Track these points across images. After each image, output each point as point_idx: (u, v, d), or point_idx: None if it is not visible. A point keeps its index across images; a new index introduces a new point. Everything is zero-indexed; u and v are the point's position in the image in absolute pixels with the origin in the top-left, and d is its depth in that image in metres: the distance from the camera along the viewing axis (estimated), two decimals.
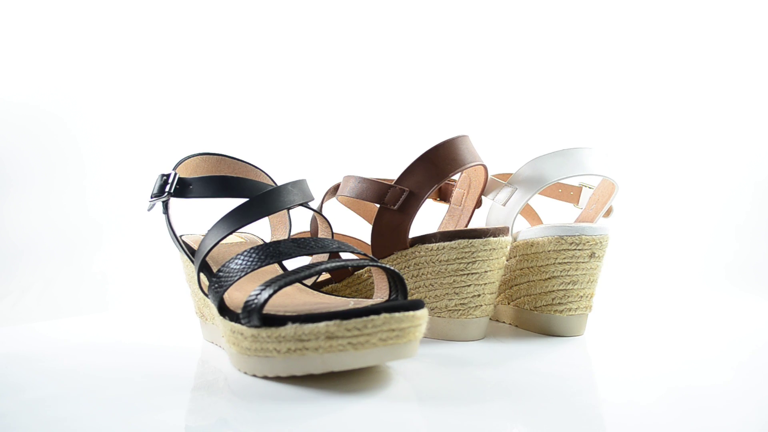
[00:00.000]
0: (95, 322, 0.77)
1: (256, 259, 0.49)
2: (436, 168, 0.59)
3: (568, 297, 0.61)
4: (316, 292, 0.58)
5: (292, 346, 0.44)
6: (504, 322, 0.70)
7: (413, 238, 0.61)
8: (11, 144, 1.21)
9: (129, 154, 1.25)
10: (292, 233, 0.70)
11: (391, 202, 0.60)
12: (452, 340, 0.60)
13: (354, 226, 0.76)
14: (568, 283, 0.60)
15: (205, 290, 0.56)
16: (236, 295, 0.55)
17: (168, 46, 1.29)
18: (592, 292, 0.62)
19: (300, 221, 0.74)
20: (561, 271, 0.60)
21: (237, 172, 0.65)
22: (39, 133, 1.22)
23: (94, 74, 1.26)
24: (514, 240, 0.65)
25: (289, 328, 0.43)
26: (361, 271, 0.65)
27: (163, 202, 0.57)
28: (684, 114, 1.28)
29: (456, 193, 0.71)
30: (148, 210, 0.59)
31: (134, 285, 1.00)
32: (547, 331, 0.63)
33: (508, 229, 0.61)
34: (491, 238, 0.58)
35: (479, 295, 0.59)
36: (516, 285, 0.65)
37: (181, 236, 0.67)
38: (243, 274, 0.49)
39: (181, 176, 0.57)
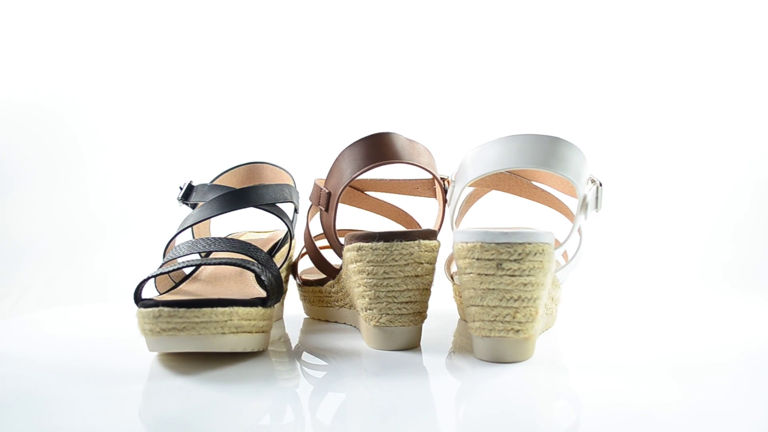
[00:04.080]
0: (94, 315, 0.80)
1: (174, 252, 0.61)
2: (345, 169, 0.58)
3: (481, 315, 0.50)
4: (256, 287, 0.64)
5: (140, 325, 0.54)
6: None
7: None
8: (13, 143, 1.20)
9: (130, 153, 1.24)
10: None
11: (321, 204, 0.61)
12: (374, 347, 0.57)
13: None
14: (477, 298, 0.50)
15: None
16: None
17: (167, 44, 1.28)
18: (516, 313, 0.49)
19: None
20: (467, 282, 0.50)
21: (274, 174, 0.76)
22: (41, 132, 1.22)
23: (96, 73, 1.25)
24: None
25: (136, 311, 0.54)
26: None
27: (185, 203, 0.73)
28: (681, 112, 1.23)
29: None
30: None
31: (135, 284, 1.01)
32: (473, 352, 0.53)
33: (427, 232, 0.54)
34: (379, 243, 0.53)
35: (384, 304, 0.55)
36: None
37: (230, 234, 0.82)
38: (166, 260, 0.61)
39: (193, 183, 0.71)
